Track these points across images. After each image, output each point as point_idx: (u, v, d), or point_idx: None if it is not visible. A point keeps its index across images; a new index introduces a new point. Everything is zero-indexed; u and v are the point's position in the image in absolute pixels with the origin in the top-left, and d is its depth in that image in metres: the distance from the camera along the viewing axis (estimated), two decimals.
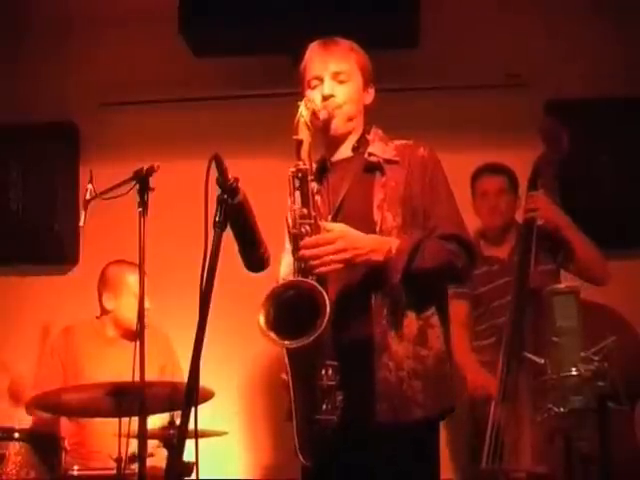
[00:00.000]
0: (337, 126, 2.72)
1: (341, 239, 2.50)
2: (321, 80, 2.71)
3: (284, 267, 2.76)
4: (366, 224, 2.58)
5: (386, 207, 2.61)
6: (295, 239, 2.53)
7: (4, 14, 4.73)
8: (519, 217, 3.82)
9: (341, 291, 2.56)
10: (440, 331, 2.61)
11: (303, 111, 2.57)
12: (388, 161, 2.67)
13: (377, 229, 2.58)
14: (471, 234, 2.79)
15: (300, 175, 2.54)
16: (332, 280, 2.53)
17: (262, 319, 2.42)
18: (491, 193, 3.93)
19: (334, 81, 2.71)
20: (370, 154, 2.69)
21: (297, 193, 2.54)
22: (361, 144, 2.74)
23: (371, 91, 2.80)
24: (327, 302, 2.37)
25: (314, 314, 2.37)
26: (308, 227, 2.51)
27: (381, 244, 2.54)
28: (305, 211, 2.52)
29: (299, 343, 2.38)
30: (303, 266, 2.48)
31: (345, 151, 2.76)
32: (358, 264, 2.53)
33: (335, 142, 2.77)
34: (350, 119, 2.74)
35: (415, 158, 2.69)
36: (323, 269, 2.47)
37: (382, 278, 2.53)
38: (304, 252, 2.48)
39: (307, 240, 2.50)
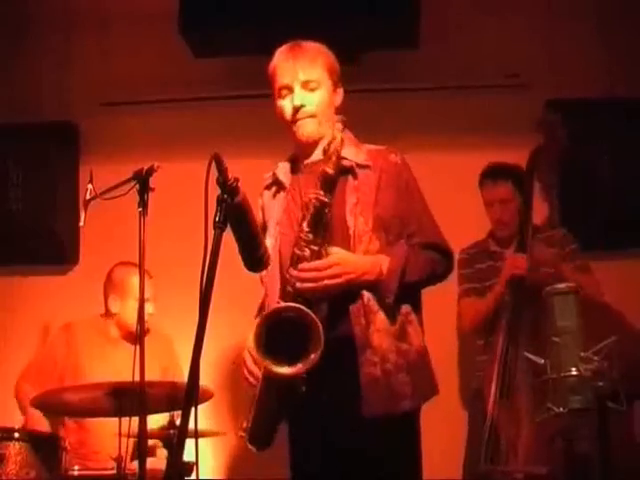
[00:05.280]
0: (309, 134, 2.74)
1: (337, 265, 2.56)
2: (290, 90, 2.72)
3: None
4: (340, 227, 2.63)
5: (358, 211, 2.65)
6: (294, 259, 2.57)
7: (4, 14, 4.73)
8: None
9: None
10: (418, 328, 2.70)
11: (337, 141, 2.60)
12: (360, 165, 2.70)
13: (350, 232, 2.63)
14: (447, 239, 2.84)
15: (319, 206, 2.57)
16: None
17: (253, 341, 2.49)
18: (495, 203, 3.91)
19: (304, 90, 2.71)
20: (343, 158, 2.69)
21: (310, 218, 2.57)
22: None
23: (340, 91, 2.80)
24: (322, 337, 2.43)
25: (306, 343, 2.44)
26: (309, 252, 2.56)
27: (372, 265, 2.61)
28: (311, 237, 2.56)
29: (291, 372, 2.46)
30: (298, 286, 2.54)
31: (317, 153, 2.77)
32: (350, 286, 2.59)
33: (308, 147, 2.78)
34: (321, 123, 2.75)
35: (387, 164, 2.72)
36: (318, 294, 2.55)
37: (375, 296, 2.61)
38: (301, 274, 2.54)
39: (306, 264, 2.55)
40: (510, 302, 3.52)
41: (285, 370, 2.46)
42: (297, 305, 2.49)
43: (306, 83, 2.71)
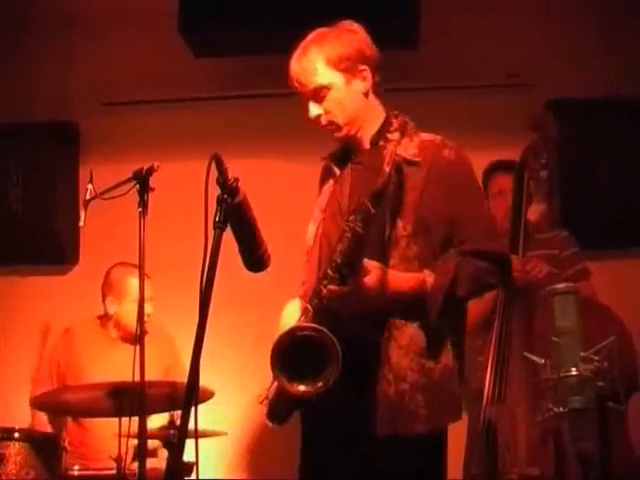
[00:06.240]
0: (338, 138, 2.68)
1: (368, 289, 2.43)
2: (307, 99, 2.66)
3: (309, 234, 2.76)
4: (378, 228, 2.49)
5: (398, 213, 2.51)
6: (325, 275, 2.48)
7: (4, 13, 4.73)
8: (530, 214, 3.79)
9: None
10: (449, 347, 2.55)
11: (385, 179, 2.43)
12: (408, 162, 2.52)
13: (386, 235, 2.51)
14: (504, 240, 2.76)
15: (353, 236, 2.43)
16: None
17: (271, 352, 2.45)
18: (507, 192, 3.89)
19: (315, 100, 2.63)
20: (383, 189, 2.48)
21: (345, 246, 2.44)
22: (381, 136, 2.61)
23: (364, 73, 2.64)
24: (338, 367, 2.38)
25: (321, 367, 2.40)
26: (338, 275, 2.45)
27: (414, 284, 2.48)
28: (342, 261, 2.44)
29: (299, 392, 2.42)
30: (325, 303, 2.46)
31: (366, 144, 2.67)
32: None
33: (350, 142, 2.69)
34: (349, 123, 2.64)
35: (438, 160, 2.56)
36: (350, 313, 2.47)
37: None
38: (333, 299, 2.45)
39: (337, 291, 2.44)
40: (502, 301, 3.51)
41: (293, 388, 2.43)
42: (325, 331, 2.41)
43: (314, 94, 2.63)
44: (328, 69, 2.62)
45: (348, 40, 2.67)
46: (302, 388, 2.43)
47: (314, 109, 2.64)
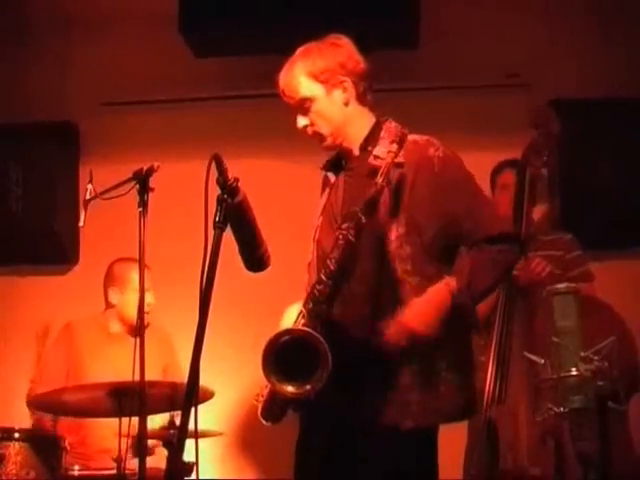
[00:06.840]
0: (326, 146, 2.73)
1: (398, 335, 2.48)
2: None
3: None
4: (372, 232, 2.53)
5: (389, 216, 2.55)
6: (318, 280, 2.52)
7: (4, 14, 4.73)
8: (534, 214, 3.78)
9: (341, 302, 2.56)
10: (445, 345, 2.55)
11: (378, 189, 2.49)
12: (395, 164, 2.54)
13: (377, 237, 2.54)
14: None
15: (346, 245, 2.48)
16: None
17: (262, 355, 2.46)
18: (511, 185, 3.87)
19: (301, 112, 2.70)
20: (375, 157, 2.57)
21: (338, 253, 2.48)
22: (370, 142, 2.67)
23: (345, 84, 2.68)
24: (326, 371, 2.40)
25: (311, 370, 2.42)
26: (332, 282, 2.49)
27: (440, 297, 2.52)
28: (335, 268, 2.48)
29: (290, 392, 2.44)
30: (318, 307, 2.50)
31: (355, 151, 2.71)
32: None
33: (340, 151, 2.75)
34: (332, 134, 2.70)
35: (423, 160, 2.60)
36: None
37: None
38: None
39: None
40: (502, 301, 3.51)
41: (282, 389, 2.46)
42: (316, 334, 2.43)
43: (299, 106, 2.69)
44: (310, 82, 2.68)
45: (331, 54, 2.70)
46: (290, 389, 2.45)
47: (301, 121, 2.71)
